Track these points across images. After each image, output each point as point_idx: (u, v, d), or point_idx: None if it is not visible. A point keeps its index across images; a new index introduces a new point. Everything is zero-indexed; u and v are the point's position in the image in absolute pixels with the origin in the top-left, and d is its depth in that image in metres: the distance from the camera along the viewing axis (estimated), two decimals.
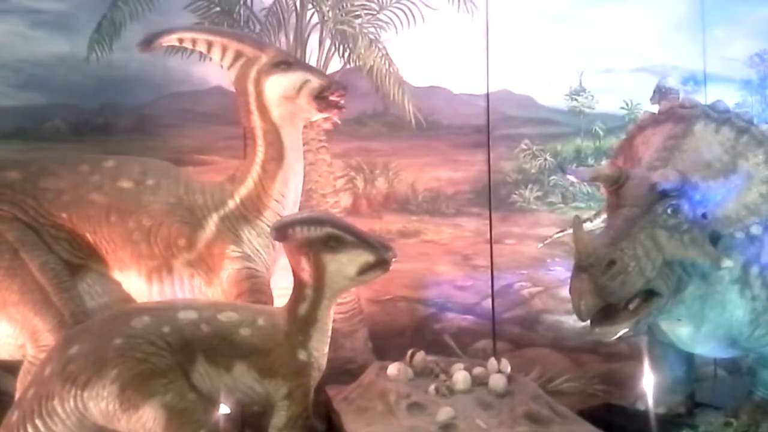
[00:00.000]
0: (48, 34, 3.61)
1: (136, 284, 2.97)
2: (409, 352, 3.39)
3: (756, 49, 4.31)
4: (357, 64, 3.92)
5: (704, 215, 2.60)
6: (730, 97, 4.14)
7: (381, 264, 2.61)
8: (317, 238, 2.56)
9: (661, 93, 3.95)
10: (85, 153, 3.47)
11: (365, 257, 2.58)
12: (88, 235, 2.91)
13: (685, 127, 2.76)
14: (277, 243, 3.03)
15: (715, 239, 2.63)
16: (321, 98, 3.05)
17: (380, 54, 3.92)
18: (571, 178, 2.96)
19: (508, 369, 3.27)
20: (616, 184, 2.66)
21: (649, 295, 2.53)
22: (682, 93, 4.00)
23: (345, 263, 2.58)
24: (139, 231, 2.92)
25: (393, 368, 3.26)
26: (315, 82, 3.04)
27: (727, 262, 2.59)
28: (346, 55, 3.90)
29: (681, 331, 2.89)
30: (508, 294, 4.04)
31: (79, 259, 2.92)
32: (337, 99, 3.08)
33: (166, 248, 2.94)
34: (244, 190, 3.04)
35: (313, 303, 2.62)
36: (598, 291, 2.42)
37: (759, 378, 2.97)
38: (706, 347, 2.96)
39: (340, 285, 2.63)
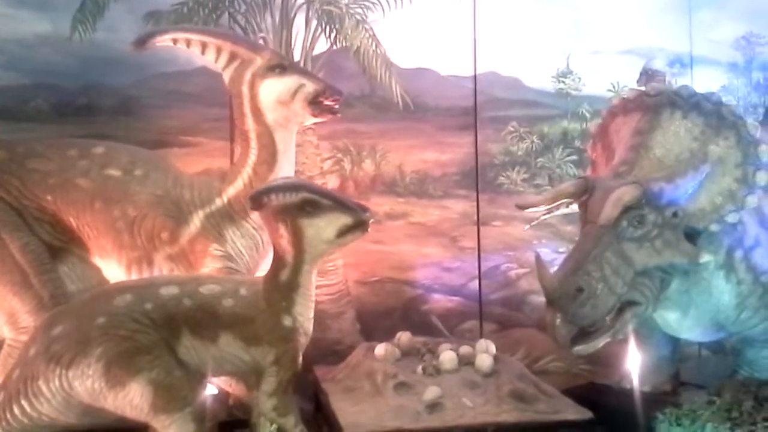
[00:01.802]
0: (31, 14, 3.57)
1: (116, 273, 2.96)
2: (398, 335, 3.42)
3: (742, 31, 4.31)
4: (343, 45, 3.89)
5: (675, 214, 2.56)
6: (716, 80, 4.17)
7: (359, 225, 2.62)
8: (293, 204, 2.56)
9: (647, 75, 3.95)
10: (68, 134, 3.47)
11: (343, 220, 2.59)
12: (71, 220, 2.90)
13: (652, 119, 2.70)
14: (261, 246, 3.04)
15: (692, 235, 2.60)
16: (315, 103, 3.05)
17: (367, 35, 3.89)
18: (532, 211, 2.85)
19: (494, 349, 3.30)
20: (583, 196, 2.63)
21: (625, 305, 2.54)
22: (669, 75, 4.01)
23: (323, 227, 2.59)
24: (123, 220, 2.91)
25: (380, 349, 3.29)
26: (310, 87, 3.04)
27: (706, 257, 2.58)
28: (333, 35, 3.87)
29: (668, 317, 2.91)
30: (495, 275, 4.05)
31: (60, 243, 2.91)
32: (331, 104, 3.08)
33: (148, 240, 2.93)
34: (232, 190, 3.03)
35: (294, 269, 2.62)
36: (571, 319, 2.45)
37: (743, 357, 3.00)
38: (694, 333, 2.99)
39: (319, 249, 2.63)
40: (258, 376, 2.60)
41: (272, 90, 3.02)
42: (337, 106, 3.11)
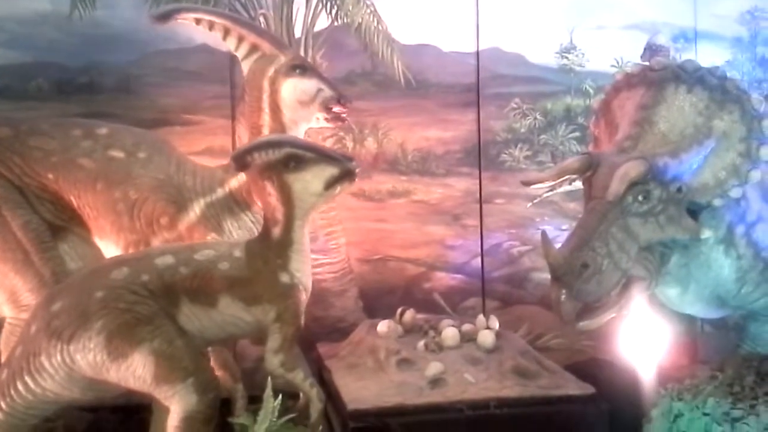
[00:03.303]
0: None
1: (114, 255, 2.95)
2: (399, 310, 3.43)
3: (747, 6, 4.24)
4: (345, 21, 3.86)
5: (679, 189, 2.55)
6: (720, 55, 4.12)
7: (346, 175, 2.62)
8: (278, 160, 2.56)
9: (651, 50, 3.90)
10: (69, 113, 3.47)
11: (329, 171, 2.59)
12: (72, 199, 2.90)
13: (656, 94, 2.68)
14: None
15: (694, 210, 2.59)
16: (328, 109, 3.10)
17: (368, 11, 3.86)
18: (538, 186, 2.83)
19: (497, 325, 3.31)
20: (588, 172, 2.61)
21: (630, 280, 2.53)
22: (673, 50, 3.96)
23: (310, 180, 2.59)
24: (124, 203, 2.90)
25: (383, 326, 3.30)
26: (328, 92, 3.09)
27: (707, 232, 2.56)
28: (334, 12, 3.84)
29: (669, 292, 2.90)
30: (498, 253, 4.04)
31: (61, 221, 2.91)
32: (340, 110, 3.13)
33: (147, 224, 2.92)
34: (235, 182, 3.01)
35: (285, 225, 2.62)
36: (576, 295, 2.44)
37: (746, 332, 3.00)
38: (695, 307, 2.98)
39: (309, 203, 2.63)
40: (265, 335, 2.61)
41: (294, 90, 3.04)
42: (345, 114, 3.17)
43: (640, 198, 2.50)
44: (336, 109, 3.12)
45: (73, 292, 2.47)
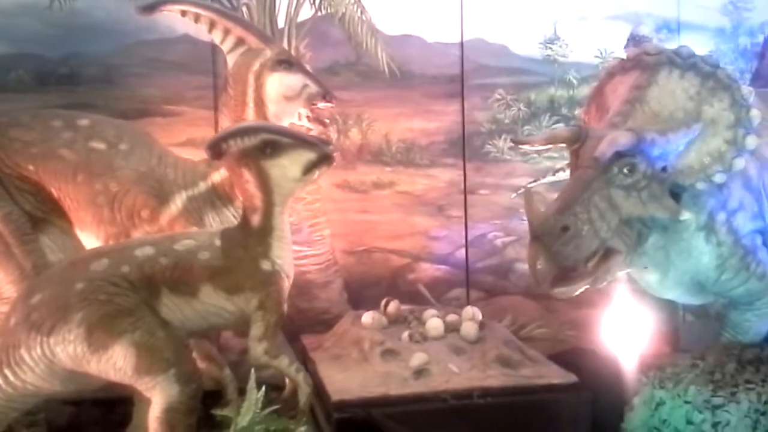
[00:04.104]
0: None
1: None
2: (384, 301, 3.43)
3: None
4: (328, 11, 3.84)
5: (664, 168, 2.59)
6: (703, 46, 4.13)
7: (324, 159, 2.61)
8: (254, 146, 2.55)
9: (634, 41, 3.90)
10: (50, 104, 3.43)
11: (306, 156, 2.58)
12: (53, 191, 2.88)
13: (650, 76, 2.72)
14: None
15: (676, 192, 2.62)
16: (313, 105, 3.10)
17: (352, 1, 3.84)
18: (526, 148, 2.91)
19: (480, 316, 3.32)
20: (576, 143, 2.65)
21: (607, 252, 2.56)
22: (656, 41, 3.97)
23: (287, 165, 2.57)
24: (105, 195, 2.88)
25: (367, 317, 3.30)
26: (313, 89, 3.08)
27: (686, 215, 2.59)
28: (317, 2, 3.82)
29: (649, 278, 2.93)
30: (482, 244, 4.05)
31: (42, 213, 2.89)
32: (325, 107, 3.15)
33: (128, 217, 2.90)
34: (218, 177, 2.99)
35: (265, 212, 2.61)
36: (553, 257, 2.46)
37: (727, 320, 3.03)
38: (675, 293, 3.01)
39: (287, 188, 2.62)
40: (248, 324, 2.60)
41: (280, 84, 3.03)
42: (327, 120, 3.20)
43: (625, 170, 2.53)
44: (321, 105, 3.11)
45: (53, 284, 2.45)
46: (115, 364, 2.37)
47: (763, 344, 2.97)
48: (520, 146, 2.98)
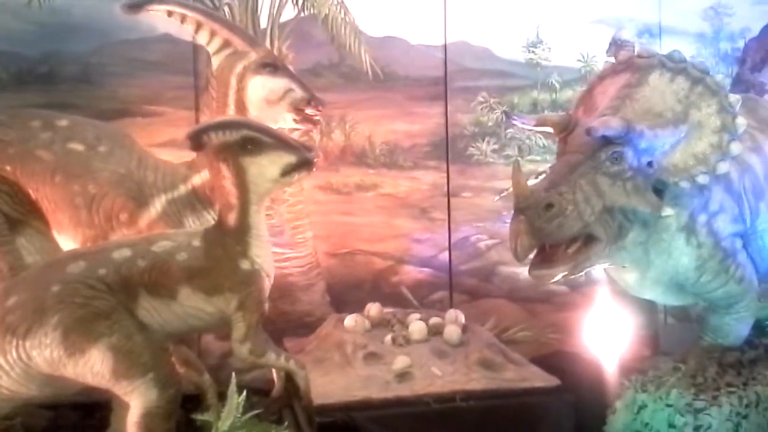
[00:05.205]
0: None
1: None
2: (367, 306, 3.42)
3: (710, 2, 4.32)
4: (311, 12, 3.82)
5: (650, 164, 2.63)
6: (684, 50, 4.14)
7: (304, 164, 2.58)
8: (234, 142, 2.51)
9: (616, 45, 3.89)
10: (28, 103, 3.38)
11: (286, 158, 2.54)
12: (30, 192, 2.83)
13: (641, 77, 2.77)
14: None
15: (660, 188, 2.65)
16: (298, 110, 3.03)
17: (335, 2, 3.82)
18: (517, 123, 2.95)
19: (462, 319, 3.32)
20: (564, 132, 2.69)
21: (588, 239, 2.57)
22: (638, 45, 4.00)
23: (266, 165, 2.53)
24: (83, 197, 2.83)
25: (350, 320, 3.29)
26: (298, 93, 3.01)
27: (668, 211, 2.62)
28: (300, 2, 3.80)
29: (628, 277, 2.95)
30: (465, 246, 4.05)
31: (19, 214, 2.83)
32: (313, 114, 3.06)
33: (106, 220, 2.85)
34: (198, 179, 2.94)
35: (241, 210, 2.57)
36: (535, 233, 2.45)
37: (707, 324, 3.04)
38: (654, 292, 3.03)
39: (264, 188, 2.58)
40: (228, 326, 2.57)
41: (262, 88, 2.97)
42: (318, 117, 3.11)
43: (613, 158, 2.56)
44: (308, 111, 3.06)
45: (29, 287, 2.41)
46: (93, 367, 2.33)
47: (744, 347, 3.00)
48: (511, 121, 3.07)
